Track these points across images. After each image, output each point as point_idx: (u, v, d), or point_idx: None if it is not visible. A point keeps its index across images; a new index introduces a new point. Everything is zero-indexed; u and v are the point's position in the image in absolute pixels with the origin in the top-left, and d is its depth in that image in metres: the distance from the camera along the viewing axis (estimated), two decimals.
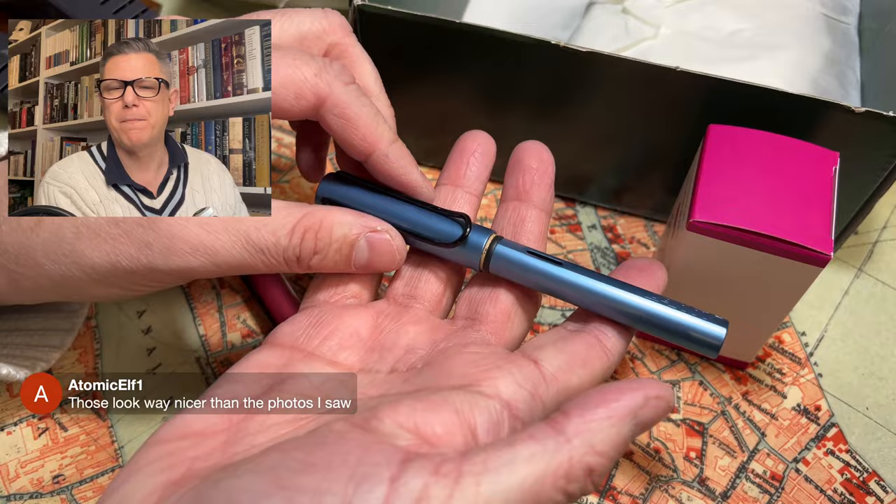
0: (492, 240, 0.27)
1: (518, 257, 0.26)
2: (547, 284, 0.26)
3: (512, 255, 0.26)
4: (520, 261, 0.26)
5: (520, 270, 0.27)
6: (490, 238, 0.27)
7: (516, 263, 0.26)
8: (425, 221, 0.27)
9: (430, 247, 0.27)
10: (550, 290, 0.26)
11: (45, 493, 0.32)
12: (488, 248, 0.27)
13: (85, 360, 0.35)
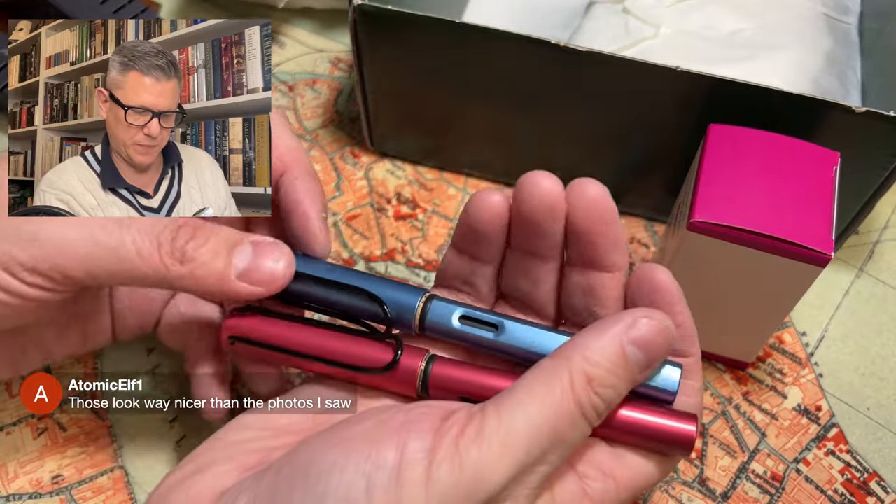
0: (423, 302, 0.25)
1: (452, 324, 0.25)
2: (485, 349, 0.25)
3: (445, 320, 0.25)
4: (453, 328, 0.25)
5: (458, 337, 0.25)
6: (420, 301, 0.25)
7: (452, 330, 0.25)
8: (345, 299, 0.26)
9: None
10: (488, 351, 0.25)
11: (45, 494, 0.32)
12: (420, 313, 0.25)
13: (85, 360, 0.35)
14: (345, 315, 0.26)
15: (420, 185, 0.42)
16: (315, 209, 0.26)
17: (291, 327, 0.26)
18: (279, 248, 0.25)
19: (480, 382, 0.24)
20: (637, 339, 0.22)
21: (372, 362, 0.25)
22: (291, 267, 0.25)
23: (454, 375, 0.25)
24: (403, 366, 0.25)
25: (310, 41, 0.49)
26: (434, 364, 0.25)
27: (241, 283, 0.24)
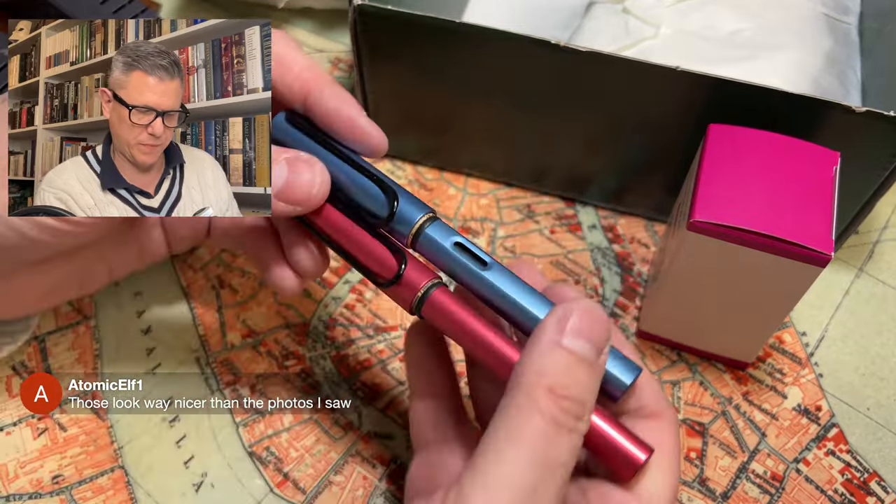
0: (425, 218, 0.25)
1: (444, 247, 0.25)
2: (470, 285, 0.25)
3: (439, 242, 0.25)
4: (445, 251, 0.25)
5: (445, 262, 0.25)
6: (424, 216, 0.25)
7: (443, 252, 0.25)
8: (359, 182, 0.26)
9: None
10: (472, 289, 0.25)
11: (45, 494, 0.32)
12: (419, 226, 0.25)
13: (85, 360, 0.35)
14: (349, 199, 0.26)
15: (420, 185, 0.42)
16: (357, 109, 0.26)
17: (328, 209, 0.26)
18: (313, 164, 0.25)
19: (472, 326, 0.25)
20: (572, 331, 0.22)
21: (380, 266, 0.26)
22: (326, 184, 0.25)
23: (450, 309, 0.25)
24: (407, 280, 0.25)
25: (310, 41, 0.49)
26: (436, 291, 0.25)
27: (278, 202, 0.25)
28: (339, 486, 0.32)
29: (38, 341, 0.36)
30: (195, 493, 0.32)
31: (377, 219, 0.26)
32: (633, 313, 0.37)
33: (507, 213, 0.41)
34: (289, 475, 0.32)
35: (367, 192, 0.26)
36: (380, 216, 0.26)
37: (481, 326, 0.25)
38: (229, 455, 0.33)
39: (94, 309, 0.37)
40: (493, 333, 0.25)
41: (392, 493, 0.32)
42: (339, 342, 0.36)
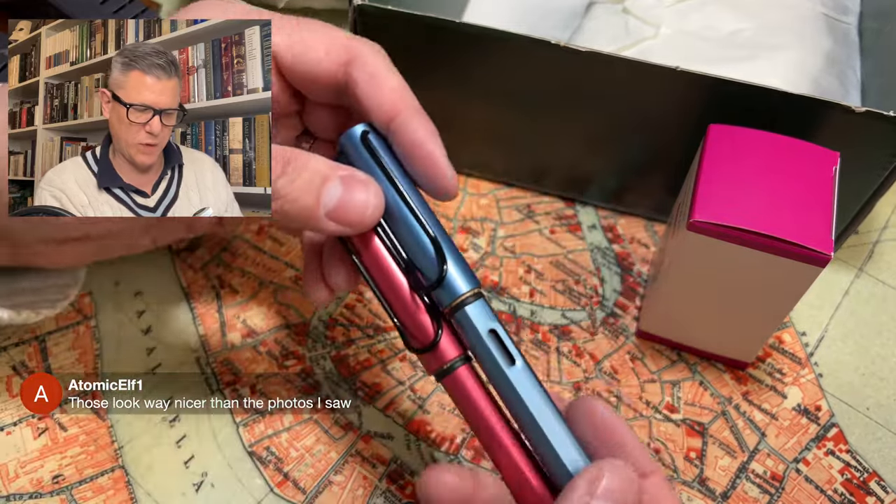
0: (469, 294, 0.24)
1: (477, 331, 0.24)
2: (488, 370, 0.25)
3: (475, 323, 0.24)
4: (477, 334, 0.24)
5: (474, 343, 0.25)
6: (469, 291, 0.24)
7: (474, 333, 0.24)
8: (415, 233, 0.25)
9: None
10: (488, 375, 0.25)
11: (45, 494, 0.32)
12: (461, 300, 0.24)
13: (85, 360, 0.35)
14: (401, 252, 0.25)
15: None
16: (439, 148, 0.26)
17: (376, 246, 0.26)
18: (369, 186, 0.25)
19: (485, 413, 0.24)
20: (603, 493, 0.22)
21: (416, 328, 0.25)
22: (380, 207, 0.25)
23: (467, 390, 0.25)
24: (438, 349, 0.25)
25: None
26: (462, 367, 0.25)
27: (329, 222, 0.24)
28: (339, 486, 0.32)
29: (38, 341, 0.36)
30: (195, 492, 0.32)
31: (425, 280, 0.25)
32: (633, 313, 0.37)
33: (507, 213, 0.41)
34: (289, 475, 0.32)
35: (421, 248, 0.25)
36: (428, 277, 0.25)
37: (494, 417, 0.24)
38: (229, 455, 0.33)
39: (94, 309, 0.37)
40: (500, 426, 0.24)
41: (392, 493, 0.32)
42: (339, 342, 0.36)
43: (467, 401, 0.25)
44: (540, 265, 0.39)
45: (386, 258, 0.26)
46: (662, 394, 0.35)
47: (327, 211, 0.24)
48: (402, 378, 0.35)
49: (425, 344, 0.25)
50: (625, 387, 0.35)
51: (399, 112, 0.26)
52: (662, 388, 0.35)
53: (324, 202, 0.24)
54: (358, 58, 0.26)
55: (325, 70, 0.27)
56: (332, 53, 0.26)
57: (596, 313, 0.37)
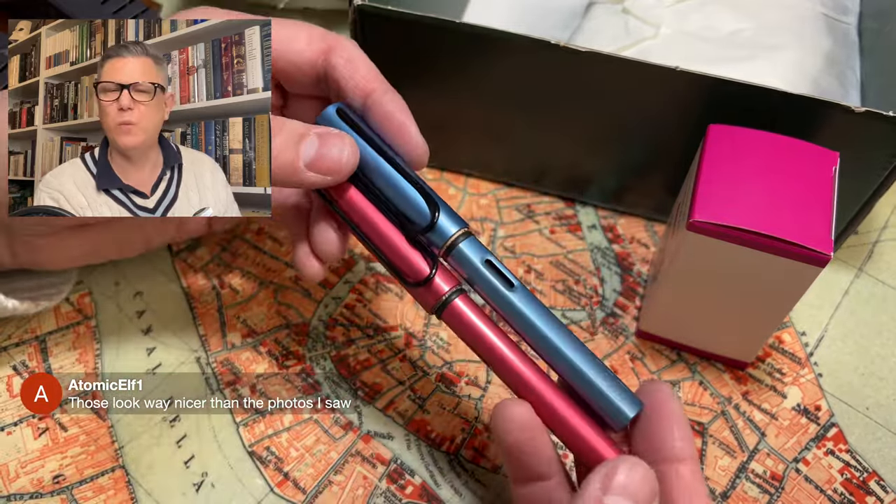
0: (460, 233, 0.26)
1: (475, 263, 0.26)
2: (494, 303, 0.26)
3: (471, 257, 0.26)
4: (475, 267, 0.26)
5: (473, 277, 0.26)
6: (459, 231, 0.26)
7: (472, 268, 0.26)
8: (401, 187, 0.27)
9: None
10: (497, 310, 0.26)
11: (45, 494, 0.32)
12: (453, 239, 0.26)
13: (85, 360, 0.35)
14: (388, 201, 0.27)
15: None
16: (410, 119, 0.28)
17: (361, 201, 0.28)
18: (343, 138, 0.27)
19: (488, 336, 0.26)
20: (616, 488, 0.22)
21: (407, 267, 0.27)
22: (355, 155, 0.27)
23: (467, 317, 0.26)
24: (433, 285, 0.26)
25: None
26: (458, 297, 0.26)
27: (310, 173, 0.26)
28: (339, 486, 0.32)
29: (38, 341, 0.36)
30: (195, 492, 0.32)
31: (415, 226, 0.27)
32: (633, 313, 0.37)
33: (507, 213, 0.41)
34: (289, 475, 0.32)
35: (407, 199, 0.27)
36: (418, 224, 0.27)
37: (497, 337, 0.26)
38: (229, 455, 0.33)
39: (94, 309, 0.37)
40: (507, 346, 0.26)
41: (392, 493, 0.32)
42: (339, 342, 0.36)
43: (469, 327, 0.26)
44: (540, 265, 0.39)
45: (371, 209, 0.27)
46: None
47: (307, 163, 0.26)
48: (402, 378, 0.35)
49: (420, 280, 0.26)
50: None
51: (373, 89, 0.28)
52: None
53: (303, 155, 0.26)
54: (336, 46, 0.29)
55: (306, 59, 0.29)
56: (313, 43, 0.29)
57: (596, 313, 0.37)
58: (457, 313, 0.26)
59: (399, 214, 0.27)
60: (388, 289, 0.38)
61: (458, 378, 0.35)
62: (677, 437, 0.24)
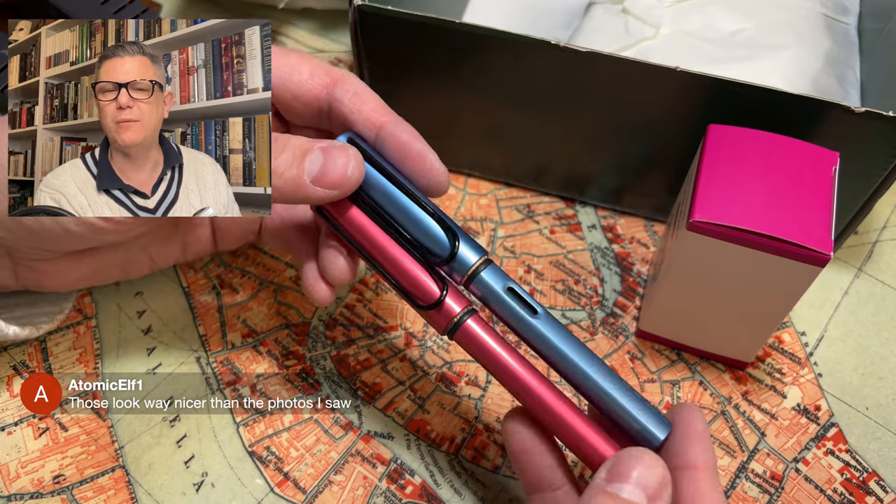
0: (481, 261, 0.26)
1: (497, 292, 0.26)
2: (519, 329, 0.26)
3: (493, 286, 0.26)
4: (498, 295, 0.26)
5: (497, 305, 0.26)
6: (480, 259, 0.26)
7: (495, 296, 0.26)
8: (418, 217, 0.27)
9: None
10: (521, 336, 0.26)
11: (46, 494, 0.32)
12: (475, 269, 0.26)
13: (85, 360, 0.35)
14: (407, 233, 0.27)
15: None
16: (427, 146, 0.28)
17: (370, 226, 0.27)
18: (347, 151, 0.26)
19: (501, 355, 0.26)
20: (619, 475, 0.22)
21: (418, 291, 0.26)
22: (360, 168, 0.27)
23: (479, 337, 0.26)
24: (444, 307, 0.26)
25: (310, 41, 0.49)
26: (470, 318, 0.26)
27: (315, 188, 0.26)
28: (339, 486, 0.32)
29: (38, 341, 0.36)
30: (195, 492, 0.32)
31: (435, 257, 0.26)
32: (633, 313, 0.38)
33: (507, 213, 0.41)
34: (289, 475, 0.32)
35: (425, 229, 0.27)
36: (438, 255, 0.26)
37: (510, 356, 0.26)
38: (230, 455, 0.33)
39: (94, 309, 0.37)
40: (520, 364, 0.26)
41: (392, 493, 0.32)
42: (339, 342, 0.36)
43: (483, 347, 0.26)
44: (540, 265, 0.39)
45: (378, 232, 0.27)
46: (662, 394, 0.35)
47: (312, 178, 0.26)
48: (402, 378, 0.35)
49: (432, 302, 0.26)
50: None
51: (385, 122, 0.28)
52: (662, 388, 0.35)
53: (307, 170, 0.26)
54: (340, 80, 0.29)
55: (308, 91, 0.29)
56: (315, 76, 0.29)
57: (596, 313, 0.37)
58: (469, 334, 0.26)
59: (418, 246, 0.27)
60: (388, 289, 0.38)
61: (458, 378, 0.35)
62: (698, 448, 0.24)
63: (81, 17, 0.41)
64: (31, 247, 0.29)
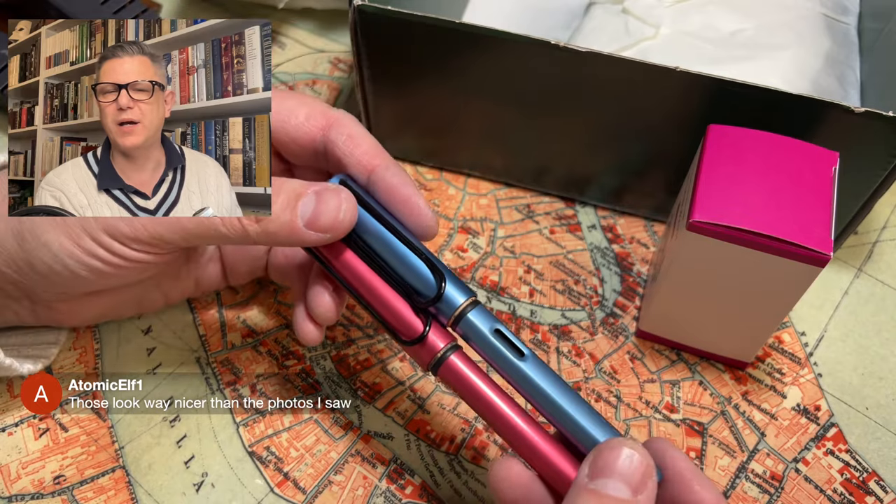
0: (468, 303, 0.26)
1: (484, 333, 0.26)
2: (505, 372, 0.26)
3: (480, 327, 0.26)
4: (484, 337, 0.26)
5: (483, 346, 0.26)
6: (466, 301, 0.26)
7: (482, 337, 0.26)
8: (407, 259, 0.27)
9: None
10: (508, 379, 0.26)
11: (46, 494, 0.32)
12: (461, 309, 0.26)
13: (85, 360, 0.35)
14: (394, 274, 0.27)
15: (420, 185, 0.42)
16: (416, 190, 0.28)
17: (356, 262, 0.28)
18: (339, 194, 0.27)
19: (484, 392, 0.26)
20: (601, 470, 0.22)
21: (402, 326, 0.27)
22: (353, 211, 0.27)
23: (463, 373, 0.26)
24: (428, 341, 0.26)
25: (310, 42, 0.49)
26: (454, 354, 0.26)
27: (309, 232, 0.26)
28: (339, 486, 0.32)
29: None
30: (196, 492, 0.32)
31: (422, 297, 0.27)
32: (633, 313, 0.38)
33: (507, 213, 0.41)
34: (289, 475, 0.32)
35: (413, 270, 0.27)
36: (425, 295, 0.26)
37: (494, 393, 0.26)
38: (230, 455, 0.33)
39: None
40: (504, 401, 0.26)
41: (392, 493, 0.32)
42: (339, 342, 0.36)
43: (466, 384, 0.26)
44: (540, 265, 0.39)
45: (365, 269, 0.27)
46: (662, 394, 0.35)
47: (305, 221, 0.26)
48: (402, 378, 0.35)
49: (415, 338, 0.26)
50: (624, 387, 0.35)
51: (377, 165, 0.28)
52: (662, 388, 0.35)
53: (301, 214, 0.26)
54: (336, 123, 0.29)
55: (304, 134, 0.29)
56: (312, 119, 0.29)
57: (596, 313, 0.37)
58: (453, 370, 0.26)
59: (406, 286, 0.27)
60: None
61: None
62: (698, 489, 0.24)
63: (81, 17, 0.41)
64: (46, 290, 0.29)
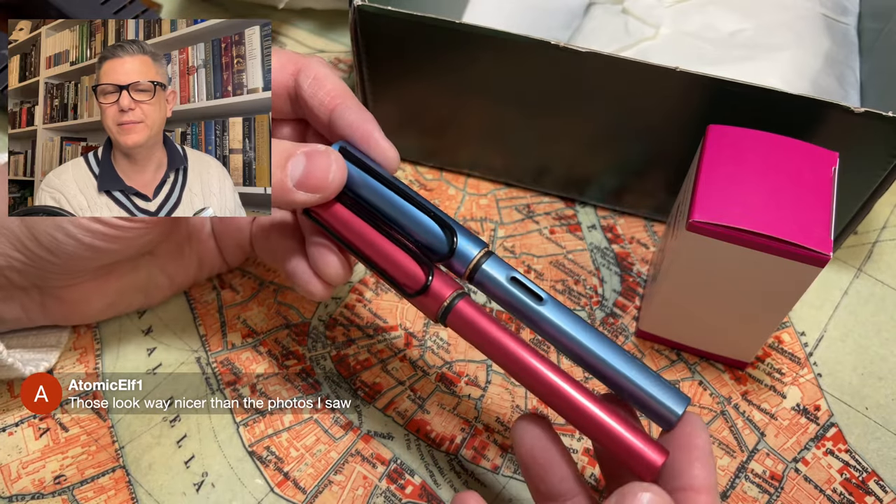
0: (482, 254, 0.26)
1: (501, 282, 0.26)
2: (526, 318, 0.26)
3: (496, 276, 0.26)
4: (502, 286, 0.26)
5: (502, 295, 0.26)
6: (480, 252, 0.26)
7: (499, 286, 0.26)
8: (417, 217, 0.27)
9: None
10: (530, 324, 0.26)
11: (47, 494, 0.32)
12: (476, 261, 0.26)
13: (85, 361, 0.35)
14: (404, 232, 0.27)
15: (420, 186, 0.42)
16: (375, 126, 0.28)
17: (355, 220, 0.28)
18: (329, 155, 0.27)
19: (496, 334, 0.26)
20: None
21: (406, 278, 0.27)
22: (342, 171, 0.27)
23: (473, 318, 0.26)
24: (433, 291, 0.26)
25: (310, 42, 0.49)
26: (461, 301, 0.26)
27: (299, 192, 0.26)
28: (339, 486, 0.32)
29: None
30: (196, 492, 0.32)
31: (435, 254, 0.27)
32: (633, 313, 0.38)
33: (507, 213, 0.41)
34: (289, 475, 0.32)
35: (423, 228, 0.27)
36: (438, 251, 0.26)
37: (505, 336, 0.26)
38: (230, 455, 0.33)
39: None
40: (516, 343, 0.26)
41: (392, 493, 0.32)
42: (339, 342, 0.36)
43: (476, 328, 0.26)
44: (540, 265, 0.39)
45: (362, 225, 0.27)
46: None
47: (295, 182, 0.26)
48: (402, 378, 0.35)
49: (419, 288, 0.26)
50: None
51: (337, 104, 0.28)
52: None
53: (290, 175, 0.26)
54: (304, 67, 0.29)
55: (279, 81, 0.30)
56: (285, 67, 0.30)
57: (595, 313, 0.38)
58: (461, 316, 0.26)
59: (418, 244, 0.27)
60: (388, 289, 0.38)
61: (458, 378, 0.35)
62: (698, 468, 0.24)
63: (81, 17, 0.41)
64: (53, 271, 0.29)
